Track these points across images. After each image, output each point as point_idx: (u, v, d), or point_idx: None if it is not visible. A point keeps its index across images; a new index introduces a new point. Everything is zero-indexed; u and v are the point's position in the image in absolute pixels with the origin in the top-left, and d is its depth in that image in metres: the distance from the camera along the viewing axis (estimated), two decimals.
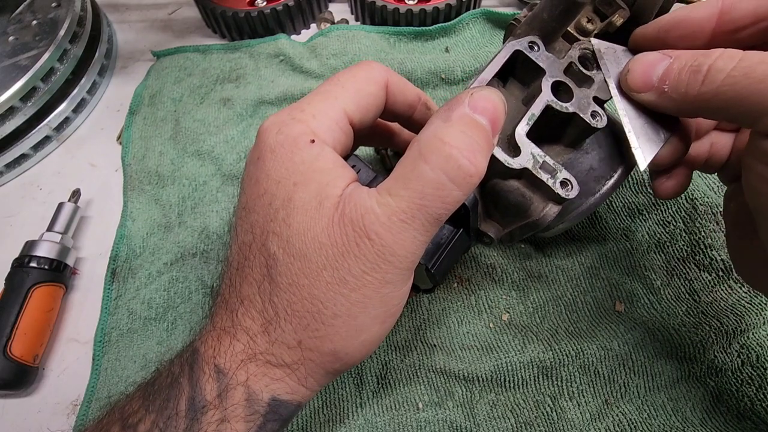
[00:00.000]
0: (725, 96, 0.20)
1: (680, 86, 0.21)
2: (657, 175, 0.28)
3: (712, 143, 0.28)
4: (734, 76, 0.19)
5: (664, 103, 0.23)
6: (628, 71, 0.24)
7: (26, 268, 0.37)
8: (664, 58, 0.22)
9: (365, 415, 0.33)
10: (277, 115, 0.25)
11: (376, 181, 0.28)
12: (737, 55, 0.20)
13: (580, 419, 0.32)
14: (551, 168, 0.24)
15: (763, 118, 0.19)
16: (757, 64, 0.19)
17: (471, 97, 0.22)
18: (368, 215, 0.21)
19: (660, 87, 0.22)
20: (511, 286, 0.38)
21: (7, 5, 0.49)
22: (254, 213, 0.24)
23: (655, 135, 0.24)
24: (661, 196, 0.28)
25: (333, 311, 0.22)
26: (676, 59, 0.22)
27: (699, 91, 0.21)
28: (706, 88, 0.20)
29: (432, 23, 0.53)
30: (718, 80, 0.20)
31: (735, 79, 0.19)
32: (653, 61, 0.23)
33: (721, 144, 0.28)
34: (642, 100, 0.23)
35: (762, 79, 0.19)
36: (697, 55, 0.21)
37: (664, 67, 0.22)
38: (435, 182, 0.21)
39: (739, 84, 0.19)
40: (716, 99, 0.20)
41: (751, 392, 0.31)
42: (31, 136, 0.47)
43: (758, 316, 0.33)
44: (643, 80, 0.23)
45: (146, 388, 0.24)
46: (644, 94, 0.23)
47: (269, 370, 0.23)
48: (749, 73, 0.19)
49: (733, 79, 0.19)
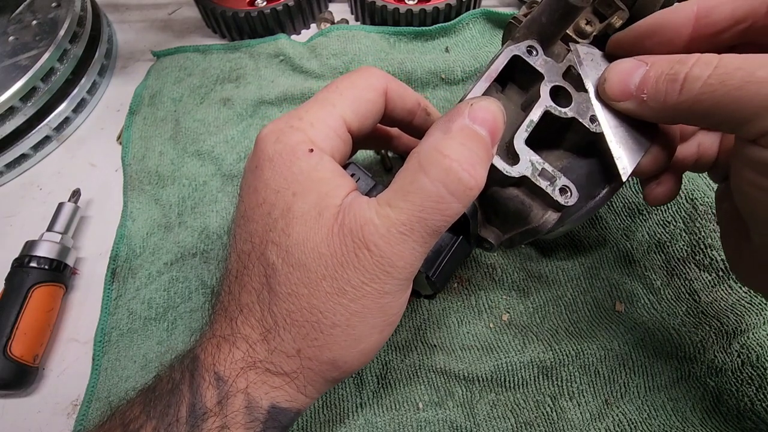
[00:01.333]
0: (704, 105, 0.19)
1: (658, 96, 0.21)
2: (646, 182, 0.28)
3: (699, 143, 0.28)
4: (711, 84, 0.19)
5: (643, 112, 0.22)
6: (605, 80, 0.23)
7: (26, 268, 0.37)
8: (640, 65, 0.22)
9: (365, 415, 0.33)
10: (275, 123, 0.25)
11: (376, 190, 0.28)
12: (713, 60, 0.19)
13: (580, 419, 0.32)
14: (550, 175, 0.24)
15: (744, 124, 0.19)
16: (735, 71, 0.18)
17: (470, 108, 0.22)
18: (367, 226, 0.21)
19: (638, 96, 0.22)
20: (512, 286, 0.38)
21: (7, 5, 0.49)
22: (253, 222, 0.24)
23: (637, 143, 0.24)
24: (652, 202, 0.28)
25: (332, 321, 0.22)
26: (652, 66, 0.21)
27: (677, 100, 0.20)
28: (684, 96, 0.20)
29: (432, 23, 0.52)
30: (696, 89, 0.19)
31: (712, 87, 0.19)
32: (629, 70, 0.22)
33: (708, 144, 0.27)
34: (621, 108, 0.23)
35: (740, 86, 0.18)
36: (672, 62, 0.21)
37: (640, 75, 0.22)
38: (434, 195, 0.21)
39: (717, 92, 0.19)
40: (696, 107, 0.20)
41: (751, 392, 0.31)
42: (31, 136, 0.47)
43: (758, 316, 0.33)
44: (621, 89, 0.22)
45: (147, 394, 0.24)
46: (623, 103, 0.23)
47: (269, 378, 0.23)
48: (726, 80, 0.18)
49: (710, 87, 0.19)
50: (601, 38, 0.26)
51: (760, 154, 0.19)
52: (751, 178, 0.20)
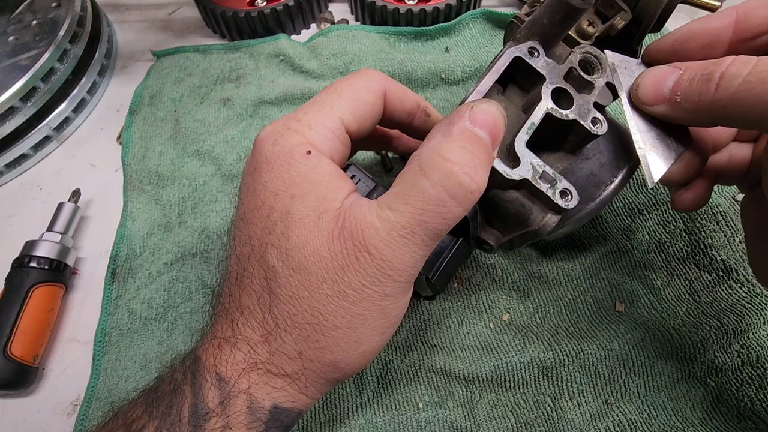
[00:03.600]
0: (741, 102, 0.19)
1: (693, 95, 0.21)
2: (676, 188, 0.28)
3: (730, 155, 0.28)
4: (750, 81, 0.19)
5: (677, 114, 0.22)
6: (638, 86, 0.23)
7: (26, 268, 0.37)
8: (674, 70, 0.22)
9: (365, 415, 0.33)
10: (273, 125, 0.25)
11: (376, 191, 0.28)
12: (751, 60, 0.19)
13: (580, 419, 0.32)
14: (551, 178, 0.24)
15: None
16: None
17: (471, 111, 0.22)
18: (368, 229, 0.21)
19: (672, 98, 0.22)
20: (512, 286, 0.38)
21: (7, 5, 0.49)
22: (252, 225, 0.24)
23: (667, 150, 0.24)
24: (680, 208, 0.28)
25: (333, 323, 0.23)
26: (687, 70, 0.22)
27: (713, 98, 0.20)
28: (720, 95, 0.20)
29: (432, 23, 0.53)
30: (734, 86, 0.19)
31: (751, 85, 0.19)
32: (663, 74, 0.22)
33: (740, 155, 0.28)
34: (654, 112, 0.23)
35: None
36: (706, 64, 0.21)
37: (674, 79, 0.22)
38: (435, 198, 0.21)
39: (756, 89, 0.19)
40: (732, 105, 0.20)
41: (751, 392, 0.31)
42: (31, 136, 0.46)
43: (758, 316, 0.33)
44: (654, 93, 0.23)
45: (149, 395, 0.24)
46: (656, 107, 0.23)
47: (270, 379, 0.24)
48: (766, 78, 0.18)
49: (749, 84, 0.19)
50: (603, 39, 0.26)
51: None
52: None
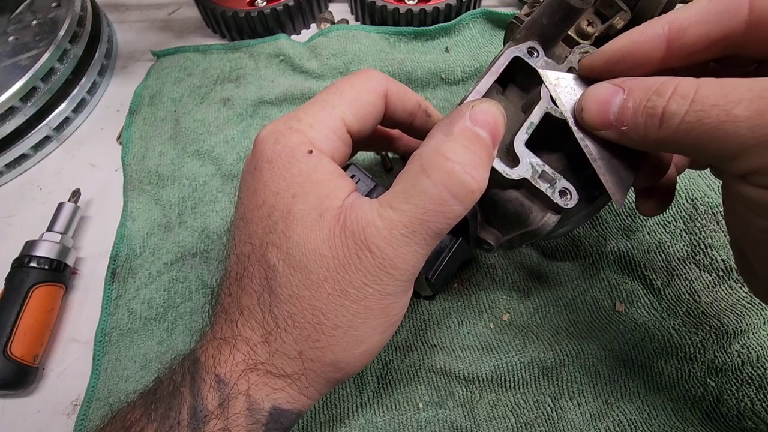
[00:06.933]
0: (685, 141, 0.18)
1: (639, 130, 0.20)
2: (638, 195, 0.28)
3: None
4: (689, 122, 0.18)
5: (626, 142, 0.21)
6: (582, 109, 0.22)
7: (26, 268, 0.37)
8: (617, 92, 0.21)
9: (365, 415, 0.33)
10: (274, 124, 0.25)
11: (376, 191, 0.28)
12: (689, 92, 0.18)
13: (580, 419, 0.32)
14: (550, 177, 0.24)
15: (729, 162, 0.18)
16: (711, 108, 0.17)
17: (472, 110, 0.22)
18: (369, 228, 0.21)
19: (618, 127, 0.21)
20: (512, 286, 0.38)
21: (7, 5, 0.49)
22: (252, 224, 0.24)
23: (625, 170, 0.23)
24: (644, 214, 0.28)
25: (334, 322, 0.22)
26: (629, 95, 0.20)
27: (658, 135, 0.19)
28: (665, 132, 0.19)
29: (432, 23, 0.52)
30: (674, 125, 0.18)
31: (690, 125, 0.18)
32: (606, 97, 0.21)
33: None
34: (604, 136, 0.22)
35: (717, 125, 0.17)
36: (649, 91, 0.19)
37: (618, 104, 0.21)
38: (437, 198, 0.21)
39: (696, 130, 0.18)
40: (679, 142, 0.19)
41: (751, 392, 0.31)
42: (31, 136, 0.46)
43: (758, 316, 0.33)
44: (601, 119, 0.21)
45: (148, 397, 0.24)
46: (604, 132, 0.22)
47: (270, 380, 0.23)
48: (703, 118, 0.17)
49: (688, 125, 0.18)
50: (603, 39, 0.26)
51: (749, 192, 0.18)
52: (743, 213, 0.20)
